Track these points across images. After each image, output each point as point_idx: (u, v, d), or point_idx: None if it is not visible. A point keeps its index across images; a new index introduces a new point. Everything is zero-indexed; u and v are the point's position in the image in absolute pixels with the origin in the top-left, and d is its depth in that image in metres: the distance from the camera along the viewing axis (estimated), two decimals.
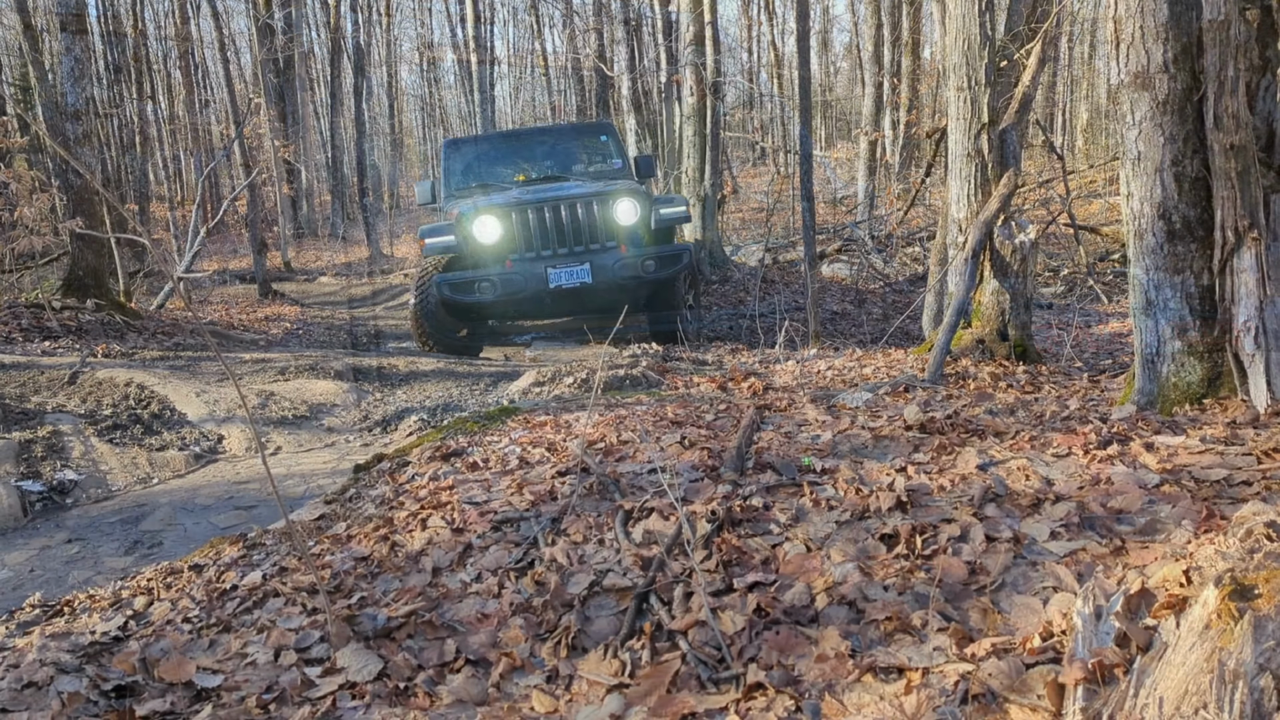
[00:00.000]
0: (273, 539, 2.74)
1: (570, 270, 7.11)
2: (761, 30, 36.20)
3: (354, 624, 2.22)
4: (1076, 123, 21.06)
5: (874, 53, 17.63)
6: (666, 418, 3.21)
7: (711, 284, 11.19)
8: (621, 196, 7.24)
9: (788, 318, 9.30)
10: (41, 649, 2.24)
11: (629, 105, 13.07)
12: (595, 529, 2.45)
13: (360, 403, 5.24)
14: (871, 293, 10.41)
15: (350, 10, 27.06)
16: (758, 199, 24.83)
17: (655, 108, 16.35)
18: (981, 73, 4.80)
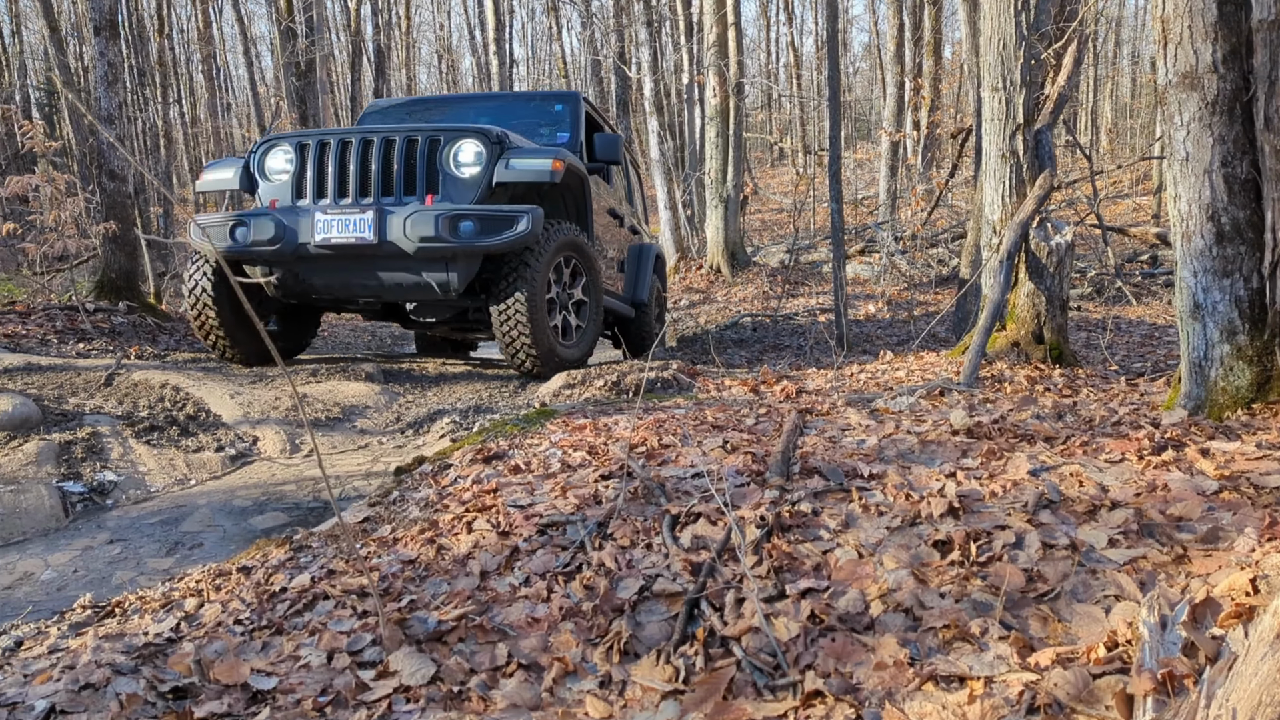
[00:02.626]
0: (319, 541, 2.75)
1: (346, 220, 5.20)
2: (780, 31, 36.21)
3: (405, 627, 2.22)
4: (1101, 122, 20.93)
5: (895, 52, 17.56)
6: (706, 421, 3.21)
7: (735, 285, 11.19)
8: (465, 138, 5.40)
9: (814, 318, 9.28)
10: (96, 650, 2.25)
11: (651, 106, 13.07)
12: (642, 533, 2.45)
13: (392, 404, 5.26)
14: (896, 294, 10.37)
15: (371, 14, 27.19)
16: (776, 199, 24.80)
17: (675, 109, 16.35)
18: (1017, 73, 4.77)
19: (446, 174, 5.40)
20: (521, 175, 5.37)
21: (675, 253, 13.02)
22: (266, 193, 5.63)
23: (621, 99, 16.32)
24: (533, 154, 5.47)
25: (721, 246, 11.96)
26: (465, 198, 5.38)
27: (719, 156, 11.64)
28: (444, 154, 5.42)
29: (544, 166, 5.38)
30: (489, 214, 5.19)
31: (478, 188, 5.39)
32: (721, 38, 11.31)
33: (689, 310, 10.61)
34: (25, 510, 3.90)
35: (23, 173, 18.95)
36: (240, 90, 34.19)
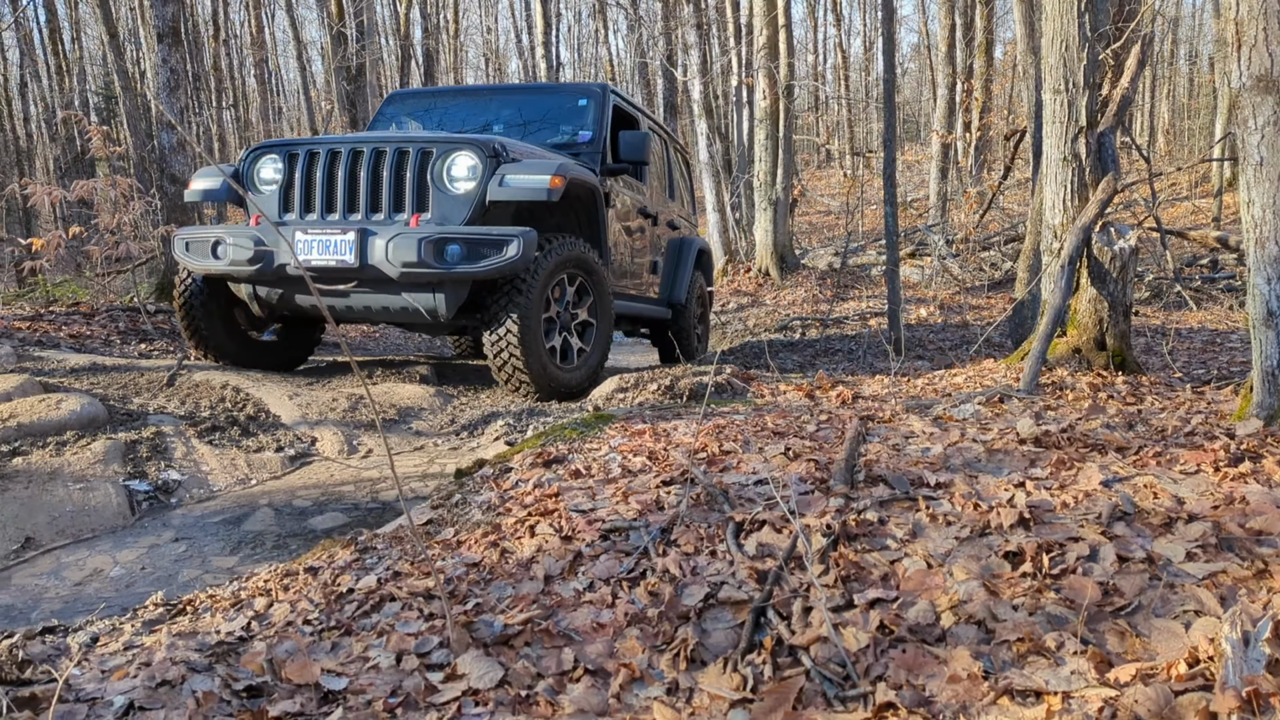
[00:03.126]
0: (384, 543, 2.78)
1: (327, 241, 4.90)
2: (828, 32, 36.01)
3: (472, 630, 2.24)
4: (1159, 123, 20.55)
5: (947, 53, 17.38)
6: (767, 428, 3.20)
7: (784, 288, 11.15)
8: (460, 151, 5.02)
9: (865, 322, 9.22)
10: (171, 647, 2.30)
11: (700, 109, 13.06)
12: (706, 540, 2.44)
13: (446, 407, 5.30)
14: (948, 298, 10.27)
15: (420, 18, 27.45)
16: (824, 202, 24.67)
17: (722, 111, 16.33)
18: (1080, 75, 4.70)
19: (439, 189, 5.04)
20: (515, 193, 4.95)
21: (723, 255, 13.00)
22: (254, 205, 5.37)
23: (669, 101, 16.32)
24: (530, 168, 5.04)
25: (770, 249, 11.91)
26: (457, 215, 5.02)
27: (768, 159, 11.60)
28: (436, 167, 5.04)
29: (540, 184, 4.94)
30: (476, 237, 4.80)
31: (471, 205, 5.02)
32: (772, 40, 11.28)
33: (737, 313, 10.58)
34: (93, 508, 3.98)
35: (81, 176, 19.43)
36: (292, 94, 34.73)
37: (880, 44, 34.98)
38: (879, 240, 14.88)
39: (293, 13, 25.77)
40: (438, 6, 30.19)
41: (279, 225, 5.06)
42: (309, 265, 4.92)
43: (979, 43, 17.58)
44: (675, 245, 7.80)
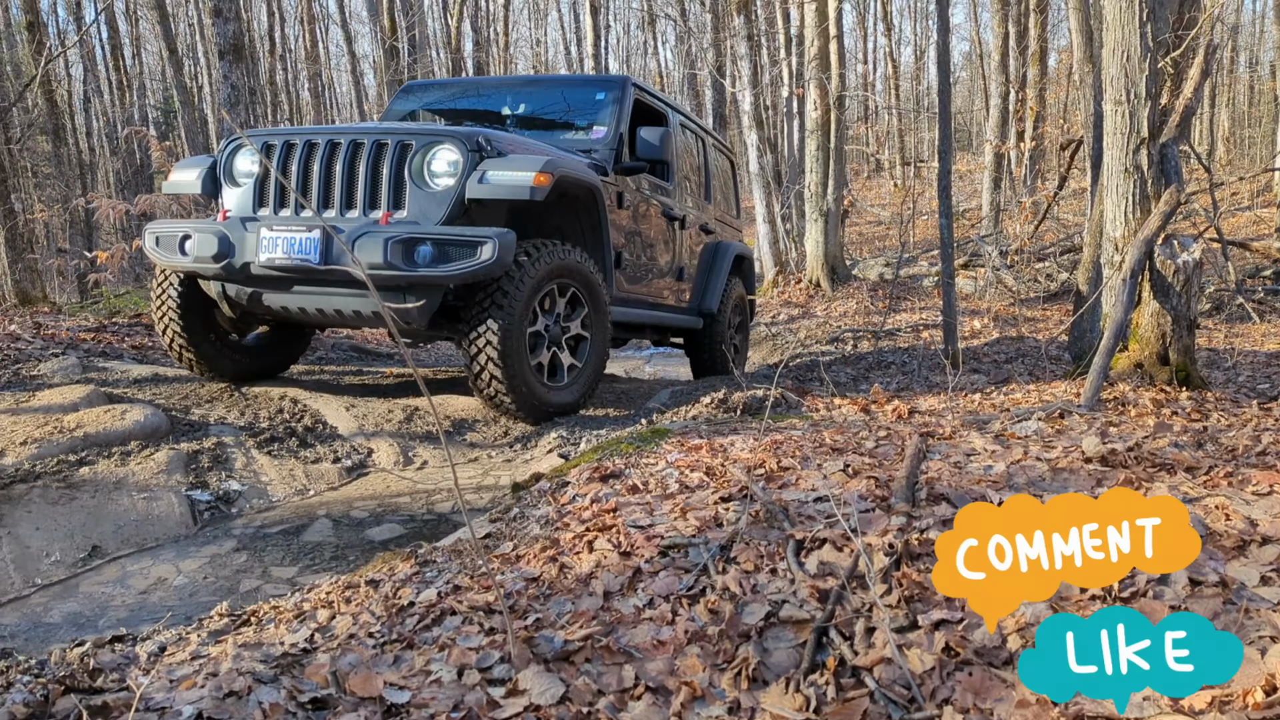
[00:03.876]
0: (443, 556, 2.81)
1: (291, 239, 4.61)
2: (878, 42, 35.81)
3: (533, 646, 2.24)
4: (1219, 132, 20.15)
5: (1000, 62, 17.19)
6: (825, 444, 3.17)
7: (835, 300, 11.09)
8: (441, 144, 4.71)
9: (918, 334, 9.13)
10: (236, 658, 2.33)
11: (750, 120, 13.06)
12: (766, 558, 2.43)
13: (500, 418, 5.34)
14: (1002, 310, 10.13)
15: (470, 31, 27.75)
16: (874, 212, 24.51)
17: (771, 122, 16.31)
18: (1141, 85, 4.62)
19: (416, 185, 4.71)
20: (496, 191, 4.59)
21: (774, 266, 12.96)
22: (228, 199, 5.07)
23: (718, 112, 16.33)
24: (515, 164, 4.64)
25: (821, 260, 11.85)
26: (435, 213, 4.68)
27: (819, 169, 11.55)
28: (415, 162, 4.73)
29: (522, 182, 4.53)
30: (447, 238, 4.45)
31: (449, 202, 4.68)
32: (823, 50, 11.24)
33: (788, 325, 10.54)
34: (157, 517, 4.07)
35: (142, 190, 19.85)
36: (345, 107, 35.28)
37: (932, 54, 34.68)
38: (930, 251, 14.74)
39: (346, 28, 26.21)
40: (488, 19, 30.52)
41: (249, 220, 4.82)
42: (272, 264, 4.64)
43: (1033, 51, 17.36)
44: (710, 250, 7.41)
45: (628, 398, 5.80)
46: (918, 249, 14.92)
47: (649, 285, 6.33)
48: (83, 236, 21.48)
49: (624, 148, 5.82)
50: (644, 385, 6.36)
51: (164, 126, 32.57)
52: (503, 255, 4.43)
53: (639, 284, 6.22)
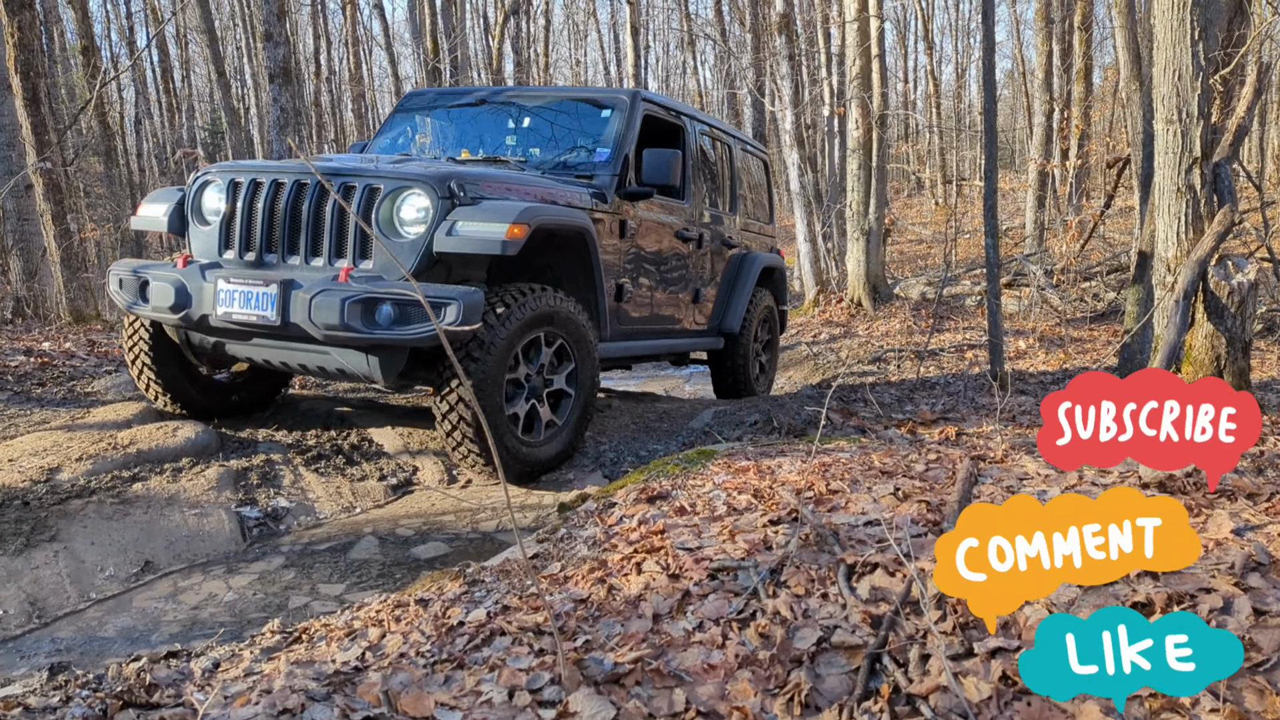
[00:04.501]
0: (491, 576, 2.81)
1: (249, 293, 4.32)
2: (919, 60, 35.68)
3: (583, 668, 2.24)
4: (1269, 149, 19.81)
5: (1044, 80, 17.05)
6: (874, 466, 3.15)
7: (877, 319, 11.02)
8: (410, 190, 4.35)
9: (962, 354, 9.05)
10: (289, 675, 2.35)
11: (791, 139, 13.05)
12: (817, 582, 2.41)
13: None
14: (1048, 330, 10.01)
15: (511, 52, 28.03)
16: (915, 230, 24.37)
17: (810, 140, 16.28)
18: (1194, 104, 4.56)
19: (384, 234, 4.37)
20: (464, 244, 4.23)
21: (815, 286, 12.92)
22: (194, 239, 4.75)
23: (758, 131, 16.37)
24: (488, 214, 4.30)
25: (863, 280, 11.80)
26: (404, 265, 4.30)
27: (860, 189, 11.52)
28: (383, 209, 4.37)
29: (493, 235, 4.20)
30: (409, 299, 4.11)
31: (418, 254, 4.31)
32: (864, 70, 11.23)
33: (829, 344, 10.49)
34: (207, 534, 4.12)
35: None
36: None
37: (973, 71, 34.51)
38: (973, 270, 14.62)
39: (390, 50, 26.61)
40: (528, 40, 30.83)
41: (210, 268, 4.50)
42: (230, 318, 4.35)
43: (1078, 69, 17.21)
44: (734, 264, 6.96)
45: (669, 418, 5.79)
46: (960, 268, 14.81)
47: (657, 313, 5.98)
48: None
49: (630, 171, 5.46)
50: (685, 405, 6.36)
51: (211, 147, 33.22)
52: (468, 316, 4.08)
53: (645, 313, 5.88)
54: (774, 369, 7.91)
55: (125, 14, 32.28)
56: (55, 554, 3.74)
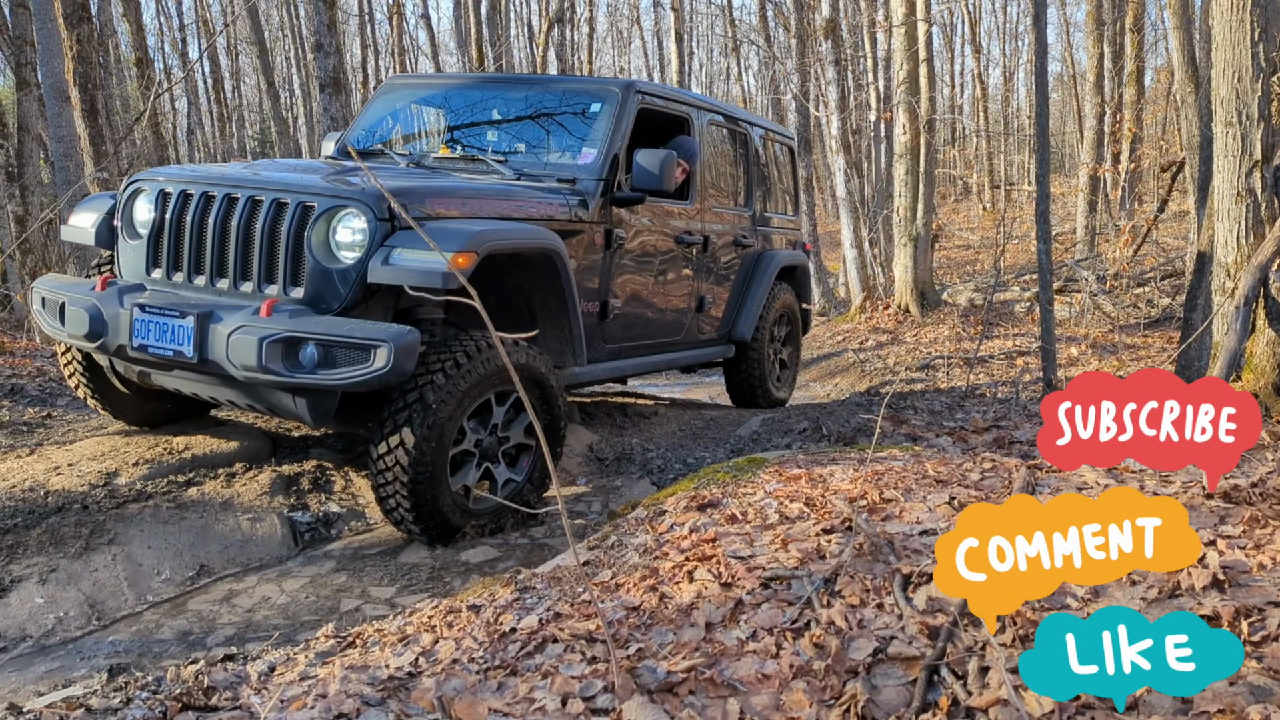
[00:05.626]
0: (542, 583, 2.82)
1: (164, 325, 3.86)
2: (966, 63, 35.34)
3: (635, 676, 2.23)
4: None
5: (1095, 82, 16.79)
6: (927, 475, 3.11)
7: (925, 326, 10.93)
8: (346, 209, 3.83)
9: (1011, 361, 8.93)
10: (344, 680, 2.37)
11: (838, 145, 12.98)
12: (872, 592, 2.39)
13: (591, 446, 5.36)
14: (1100, 337, 9.85)
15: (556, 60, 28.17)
16: (961, 236, 24.12)
17: (856, 144, 16.16)
18: (1254, 107, 4.47)
19: (317, 259, 3.82)
20: (399, 277, 3.67)
21: (861, 292, 12.84)
22: (122, 255, 4.31)
23: (803, 136, 16.27)
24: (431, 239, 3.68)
25: (910, 286, 11.70)
26: (335, 297, 3.79)
27: (908, 194, 11.43)
28: (316, 230, 3.84)
29: (433, 268, 3.63)
30: (333, 339, 3.60)
31: (351, 284, 3.78)
32: (912, 74, 11.15)
33: (876, 351, 10.41)
34: (260, 538, 4.17)
35: None
36: None
37: (1020, 74, 34.08)
38: (1022, 275, 14.43)
39: (436, 59, 26.86)
40: (572, 48, 30.99)
41: (129, 291, 4.07)
42: (145, 351, 3.91)
43: (1129, 71, 16.92)
44: (748, 265, 6.40)
45: (716, 425, 5.77)
46: (1009, 273, 14.62)
47: (653, 327, 5.44)
48: None
49: (620, 173, 4.89)
50: (731, 412, 6.33)
51: (260, 155, 33.80)
52: (399, 363, 3.54)
53: (638, 328, 5.35)
54: (795, 372, 7.40)
55: (178, 26, 32.95)
56: (113, 557, 3.80)
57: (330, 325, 3.66)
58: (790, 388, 7.28)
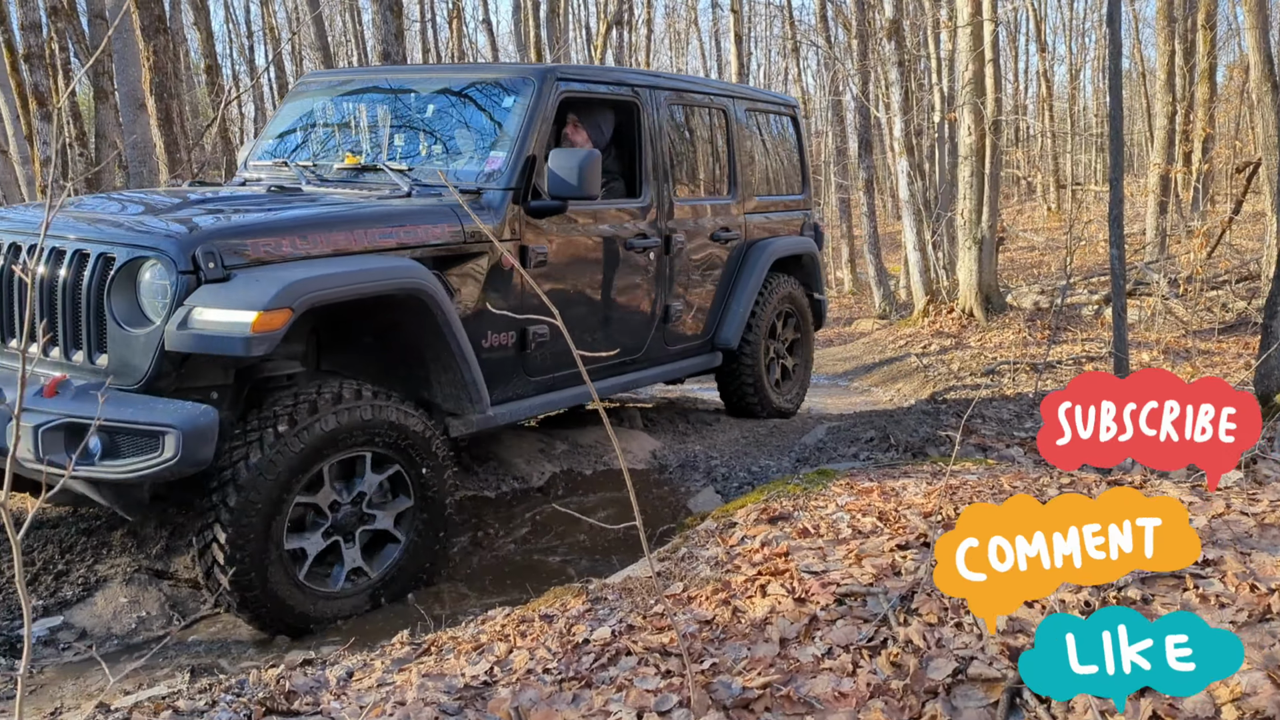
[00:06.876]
0: (614, 594, 2.83)
1: None
2: (1031, 61, 34.71)
3: (710, 691, 2.24)
4: None
5: (1166, 81, 16.37)
6: (1004, 490, 3.07)
7: (990, 330, 10.75)
8: (149, 259, 3.20)
9: (1079, 367, 8.75)
10: (421, 688, 2.41)
11: (901, 147, 12.83)
12: (950, 611, 2.36)
13: (654, 452, 5.36)
14: (1173, 342, 9.60)
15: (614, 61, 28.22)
16: (1026, 237, 23.70)
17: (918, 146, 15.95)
18: None
19: (118, 321, 3.21)
20: (194, 343, 3.08)
21: (924, 295, 12.66)
22: None
23: (864, 138, 16.13)
24: (237, 293, 3.11)
25: (974, 289, 11.51)
26: (138, 366, 3.18)
27: (972, 196, 11.25)
28: (118, 284, 3.23)
29: (233, 330, 3.04)
30: (118, 427, 3.03)
31: (154, 352, 3.16)
32: (977, 74, 10.97)
33: (940, 356, 10.26)
34: None
35: None
36: None
37: (1087, 72, 33.38)
38: (1089, 278, 14.13)
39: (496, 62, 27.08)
40: (630, 50, 31.03)
41: None
42: None
43: (1201, 69, 16.47)
44: (734, 259, 5.65)
45: (780, 433, 5.74)
46: (1076, 275, 14.33)
47: (598, 348, 4.61)
48: None
49: (542, 178, 4.18)
50: (795, 420, 6.29)
51: None
52: (191, 451, 2.97)
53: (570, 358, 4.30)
54: (806, 371, 6.64)
55: (246, 33, 33.64)
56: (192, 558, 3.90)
57: (116, 408, 3.08)
58: (800, 394, 6.54)
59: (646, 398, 7.13)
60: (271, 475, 3.16)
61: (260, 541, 3.19)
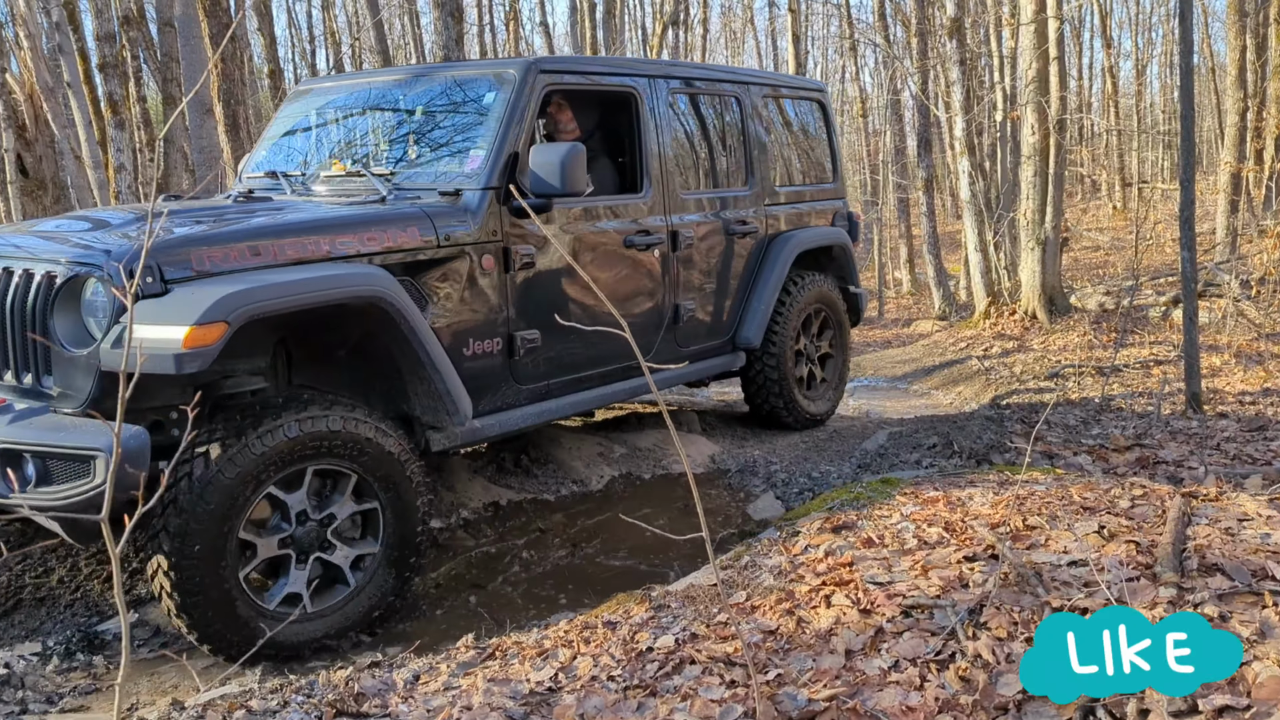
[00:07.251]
0: (677, 601, 2.83)
1: None
2: (1095, 57, 34.02)
3: (775, 702, 2.23)
4: None
5: (1237, 76, 15.95)
6: (1073, 500, 3.01)
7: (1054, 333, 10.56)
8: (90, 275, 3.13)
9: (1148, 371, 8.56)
10: (487, 693, 2.43)
11: (962, 146, 12.65)
12: (1020, 625, 2.32)
13: (713, 457, 5.35)
14: (1245, 345, 9.34)
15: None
16: (1090, 237, 23.23)
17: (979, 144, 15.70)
18: None
19: (61, 341, 3.13)
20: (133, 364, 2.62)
21: (986, 297, 12.45)
22: None
23: (923, 137, 15.93)
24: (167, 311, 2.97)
25: (1038, 291, 11.30)
26: (80, 388, 3.10)
27: (1036, 197, 11.05)
28: (61, 303, 3.16)
29: (165, 346, 2.89)
30: (49, 451, 2.96)
31: (94, 372, 3.06)
32: (1042, 72, 10.78)
33: (1002, 359, 10.10)
34: None
35: None
36: None
37: (1154, 68, 32.57)
38: (1156, 279, 13.80)
39: None
40: (686, 50, 31.00)
41: None
42: None
43: (1274, 64, 15.98)
44: (754, 254, 5.39)
45: (840, 437, 5.70)
46: (1142, 276, 14.00)
47: (597, 352, 4.42)
48: None
49: (522, 174, 4.02)
50: (855, 424, 6.24)
51: None
52: (124, 478, 2.75)
53: (573, 360, 4.39)
54: (843, 373, 6.29)
55: (308, 38, 34.21)
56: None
57: (46, 431, 3.00)
58: (835, 397, 6.17)
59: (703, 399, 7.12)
60: (212, 498, 2.99)
61: (210, 571, 3.03)
